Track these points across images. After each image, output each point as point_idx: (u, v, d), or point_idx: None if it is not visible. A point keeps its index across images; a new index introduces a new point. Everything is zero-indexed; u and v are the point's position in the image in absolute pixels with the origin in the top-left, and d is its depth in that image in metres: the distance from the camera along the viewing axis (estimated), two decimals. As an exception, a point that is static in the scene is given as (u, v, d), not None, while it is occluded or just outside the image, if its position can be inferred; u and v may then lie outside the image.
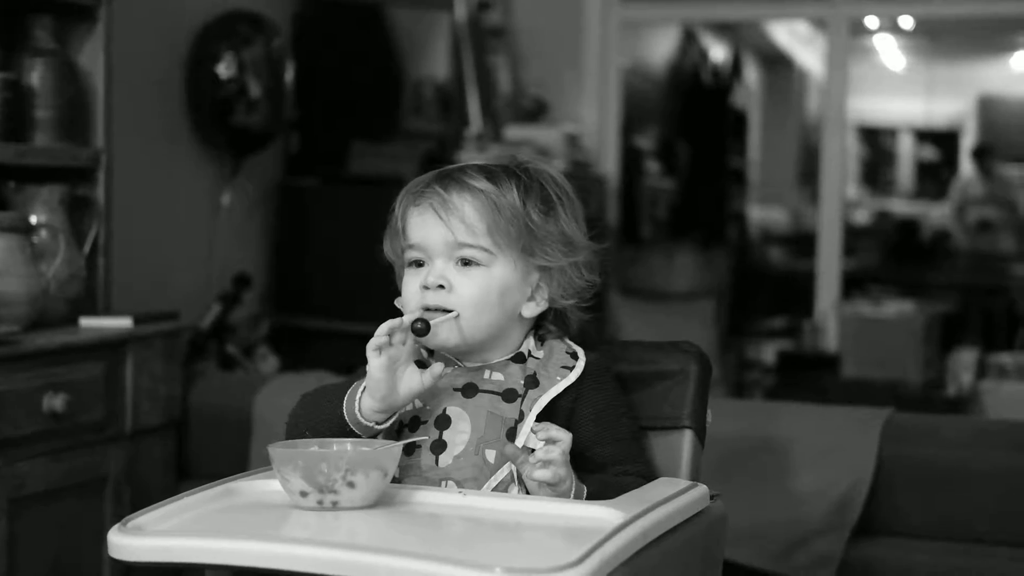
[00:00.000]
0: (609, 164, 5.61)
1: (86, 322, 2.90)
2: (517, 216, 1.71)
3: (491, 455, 1.69)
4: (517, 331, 1.77)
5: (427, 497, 1.60)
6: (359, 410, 1.68)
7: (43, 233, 2.88)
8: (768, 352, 6.03)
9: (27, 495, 2.60)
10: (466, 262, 1.72)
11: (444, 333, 1.70)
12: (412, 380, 1.67)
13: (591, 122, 5.55)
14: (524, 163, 1.80)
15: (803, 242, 8.14)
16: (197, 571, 1.55)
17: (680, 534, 1.60)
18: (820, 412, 3.00)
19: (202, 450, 3.23)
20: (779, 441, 2.86)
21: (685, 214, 7.48)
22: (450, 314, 1.70)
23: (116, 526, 1.46)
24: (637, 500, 1.58)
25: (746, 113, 9.09)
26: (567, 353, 1.78)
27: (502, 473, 1.69)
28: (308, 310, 4.32)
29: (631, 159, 6.48)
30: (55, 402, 2.62)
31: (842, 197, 5.64)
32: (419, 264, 1.75)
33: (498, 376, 1.75)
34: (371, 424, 1.68)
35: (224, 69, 3.84)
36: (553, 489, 1.62)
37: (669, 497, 1.61)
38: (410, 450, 1.71)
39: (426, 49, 5.10)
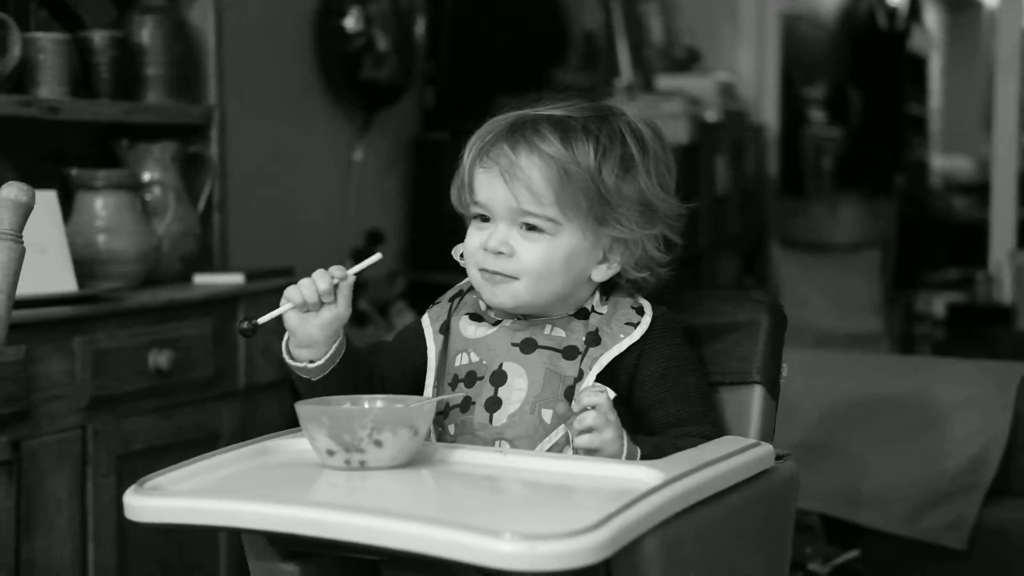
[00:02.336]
0: (768, 113, 5.43)
1: (200, 279, 2.89)
2: (589, 184, 1.60)
3: (547, 415, 1.60)
4: (585, 291, 1.68)
5: (464, 456, 1.52)
6: (289, 356, 1.63)
7: (155, 190, 2.88)
8: (939, 304, 5.79)
9: (134, 452, 2.60)
10: (531, 227, 1.62)
11: (501, 295, 1.63)
12: (326, 313, 1.58)
13: (748, 71, 5.38)
14: (609, 113, 1.68)
15: (988, 191, 7.79)
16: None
17: (735, 496, 1.49)
18: (954, 366, 2.83)
19: (320, 407, 3.20)
20: (908, 398, 2.70)
21: (854, 164, 7.21)
22: (348, 276, 1.59)
23: (133, 485, 1.42)
24: (684, 461, 1.47)
25: (926, 58, 8.73)
26: (632, 308, 1.67)
27: (557, 434, 1.60)
28: (444, 266, 4.25)
29: (795, 109, 6.27)
30: (160, 359, 2.61)
31: (1019, 142, 5.35)
32: (484, 219, 1.66)
33: (559, 332, 1.66)
34: (304, 364, 1.62)
35: (351, 23, 3.80)
36: (599, 454, 1.53)
37: (721, 457, 1.49)
38: (465, 406, 1.64)
39: (574, -2, 5.01)
